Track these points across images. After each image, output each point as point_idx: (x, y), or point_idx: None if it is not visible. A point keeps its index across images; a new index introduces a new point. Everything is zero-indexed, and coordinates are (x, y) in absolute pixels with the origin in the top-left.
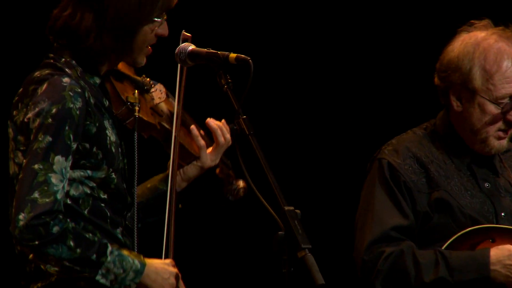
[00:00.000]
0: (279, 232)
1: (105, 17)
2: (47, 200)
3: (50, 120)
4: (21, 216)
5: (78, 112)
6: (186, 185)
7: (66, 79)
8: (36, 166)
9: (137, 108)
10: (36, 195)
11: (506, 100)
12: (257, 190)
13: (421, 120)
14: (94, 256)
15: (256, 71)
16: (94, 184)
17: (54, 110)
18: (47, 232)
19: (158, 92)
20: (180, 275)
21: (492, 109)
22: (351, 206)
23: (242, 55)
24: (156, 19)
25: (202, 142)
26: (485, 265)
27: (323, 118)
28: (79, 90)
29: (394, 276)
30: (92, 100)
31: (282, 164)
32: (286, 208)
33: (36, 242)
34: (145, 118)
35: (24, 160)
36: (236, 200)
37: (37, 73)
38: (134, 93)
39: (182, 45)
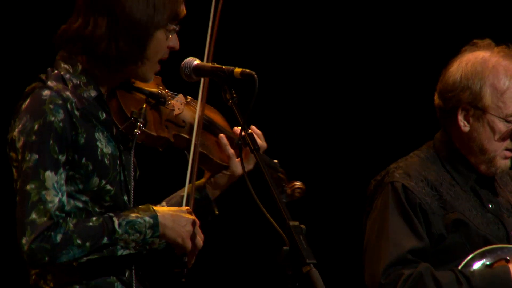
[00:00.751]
0: (284, 247)
1: (119, 22)
2: (45, 219)
3: (33, 137)
4: (24, 241)
5: (61, 124)
6: (219, 193)
7: (46, 92)
8: (28, 187)
9: (140, 124)
10: (33, 216)
11: None
12: (262, 205)
13: (418, 136)
14: (106, 239)
15: (260, 85)
16: (87, 198)
17: (36, 126)
18: (52, 244)
19: (178, 103)
20: (198, 222)
21: (502, 127)
22: (354, 221)
23: (247, 70)
24: (168, 27)
25: (230, 151)
26: (508, 281)
27: (326, 131)
28: (60, 102)
29: None
30: (77, 112)
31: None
32: (291, 223)
33: (47, 259)
34: (153, 133)
35: (18, 182)
36: (291, 201)
37: (27, 88)
38: (141, 107)
39: (187, 59)
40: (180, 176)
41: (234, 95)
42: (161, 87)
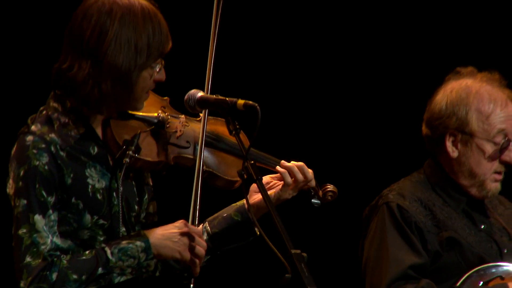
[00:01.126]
0: (286, 275)
1: (102, 66)
2: (39, 260)
3: (20, 183)
4: (22, 284)
5: (46, 167)
6: (260, 215)
7: (29, 138)
8: (20, 232)
9: (129, 152)
10: (28, 259)
11: (501, 139)
12: (264, 234)
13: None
14: (100, 269)
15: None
16: (86, 237)
17: (21, 172)
18: (49, 284)
19: (180, 125)
20: (197, 231)
21: (489, 148)
22: (350, 247)
23: (250, 102)
24: (153, 65)
25: (288, 179)
26: None
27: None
28: (43, 145)
29: None
30: (62, 153)
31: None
32: (293, 251)
33: None
34: (149, 159)
35: (13, 228)
36: (324, 203)
37: (19, 131)
38: (135, 134)
39: (191, 91)
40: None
41: (237, 127)
42: (163, 109)
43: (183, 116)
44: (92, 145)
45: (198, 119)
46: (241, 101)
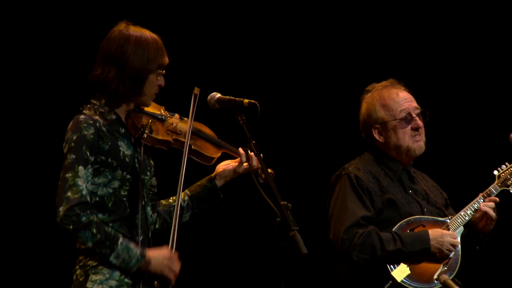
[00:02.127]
0: (277, 219)
1: (124, 70)
2: (76, 196)
3: (73, 144)
4: (60, 209)
5: (91, 136)
6: (223, 183)
7: (82, 116)
8: (67, 175)
9: (146, 131)
10: (69, 193)
11: (404, 114)
12: (262, 190)
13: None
14: (108, 242)
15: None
16: (116, 186)
17: (74, 137)
18: (78, 220)
19: (174, 119)
20: (175, 256)
21: (399, 125)
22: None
23: (253, 101)
24: (159, 71)
25: (244, 158)
26: (427, 241)
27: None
28: (91, 122)
29: (365, 248)
30: (104, 128)
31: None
32: (282, 202)
33: (71, 227)
34: (159, 137)
35: (61, 173)
36: (264, 182)
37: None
38: (148, 122)
39: (212, 94)
40: (192, 172)
41: (244, 117)
42: (162, 111)
43: (176, 115)
44: (120, 127)
45: (185, 119)
46: (246, 100)
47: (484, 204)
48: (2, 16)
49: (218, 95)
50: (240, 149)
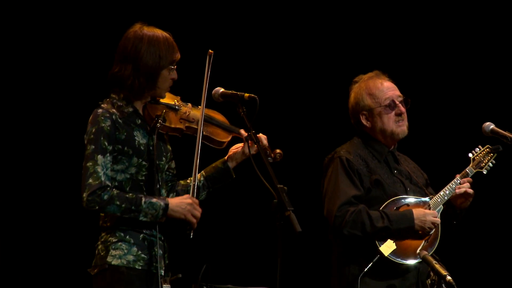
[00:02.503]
0: (274, 200)
1: (139, 67)
2: (96, 182)
3: (92, 136)
4: (84, 195)
5: (108, 128)
6: (235, 164)
7: (100, 110)
8: (88, 164)
9: (160, 121)
10: (90, 180)
11: (389, 102)
12: (261, 175)
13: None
14: (133, 207)
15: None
16: (133, 172)
17: (93, 130)
18: (101, 200)
19: (187, 108)
20: (197, 201)
21: (384, 111)
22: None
23: (252, 95)
24: (171, 66)
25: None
26: (411, 219)
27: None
28: (108, 115)
29: (356, 224)
30: (120, 120)
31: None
32: (278, 185)
33: (96, 207)
34: (172, 125)
35: (83, 163)
36: (274, 162)
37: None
38: (162, 112)
39: (216, 88)
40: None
41: (244, 109)
42: (176, 101)
43: (189, 104)
44: (137, 118)
45: (198, 107)
46: (246, 94)
47: (459, 186)
48: (27, 16)
49: (222, 89)
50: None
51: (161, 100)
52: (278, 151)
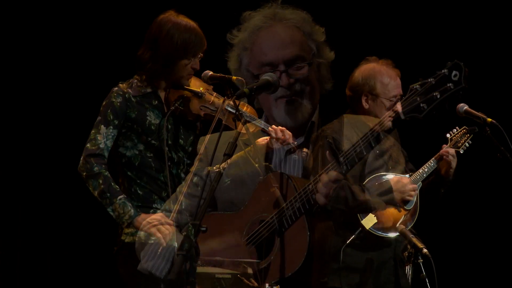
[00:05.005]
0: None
1: (157, 54)
2: (93, 147)
3: (102, 108)
4: (81, 158)
5: (118, 104)
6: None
7: (115, 88)
8: (91, 132)
9: (176, 105)
10: (88, 145)
11: (394, 98)
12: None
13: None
14: (109, 195)
15: None
16: (141, 148)
17: (104, 103)
18: (91, 169)
19: (212, 97)
20: (168, 220)
21: (387, 103)
22: None
23: (240, 77)
24: (191, 57)
25: (273, 134)
26: (390, 191)
27: None
28: (121, 93)
29: (339, 199)
30: (133, 99)
31: None
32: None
33: (84, 174)
34: (189, 111)
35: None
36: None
37: None
38: (180, 97)
39: (205, 71)
40: None
41: (232, 91)
42: (205, 89)
43: (215, 93)
44: (154, 99)
45: (225, 98)
46: (234, 77)
47: (444, 150)
48: (47, 12)
49: (211, 72)
50: (272, 127)
51: (186, 87)
52: (305, 149)
